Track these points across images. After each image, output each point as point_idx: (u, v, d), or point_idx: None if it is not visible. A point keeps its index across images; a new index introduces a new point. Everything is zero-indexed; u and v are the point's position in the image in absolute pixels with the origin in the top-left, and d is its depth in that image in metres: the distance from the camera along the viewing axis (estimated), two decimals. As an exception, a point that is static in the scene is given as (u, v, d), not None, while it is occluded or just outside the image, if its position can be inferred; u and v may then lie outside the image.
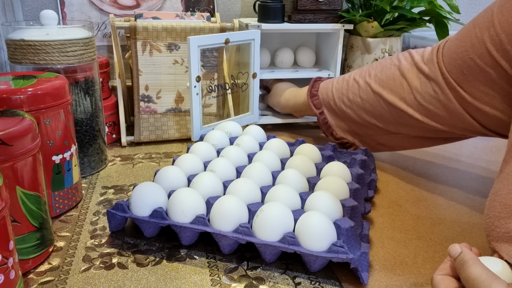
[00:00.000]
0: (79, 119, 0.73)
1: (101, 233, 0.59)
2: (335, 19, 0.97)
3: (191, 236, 0.56)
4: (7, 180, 0.47)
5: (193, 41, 0.78)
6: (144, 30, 0.85)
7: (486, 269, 0.38)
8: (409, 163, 0.85)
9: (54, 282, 0.49)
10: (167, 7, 1.06)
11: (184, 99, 0.92)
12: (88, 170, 0.76)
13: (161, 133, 0.92)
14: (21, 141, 0.48)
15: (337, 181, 0.61)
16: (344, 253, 0.48)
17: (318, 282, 0.50)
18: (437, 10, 0.88)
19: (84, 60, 0.72)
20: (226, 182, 0.62)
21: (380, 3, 0.90)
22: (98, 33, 1.04)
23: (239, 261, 0.54)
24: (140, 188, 0.58)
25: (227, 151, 0.70)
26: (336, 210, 0.55)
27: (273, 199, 0.57)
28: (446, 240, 0.59)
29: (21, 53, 0.68)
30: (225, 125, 0.82)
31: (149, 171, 0.78)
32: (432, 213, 0.66)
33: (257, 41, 0.90)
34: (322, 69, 1.05)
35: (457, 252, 0.41)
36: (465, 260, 0.39)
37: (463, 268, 0.39)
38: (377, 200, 0.69)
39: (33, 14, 1.01)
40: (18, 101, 0.56)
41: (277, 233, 0.52)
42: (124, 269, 0.52)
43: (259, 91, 0.95)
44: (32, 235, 0.51)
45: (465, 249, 0.41)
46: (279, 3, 0.94)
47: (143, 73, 0.88)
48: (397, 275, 0.52)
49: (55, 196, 0.62)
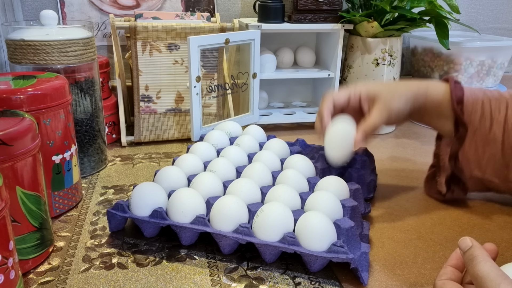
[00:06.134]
0: (79, 119, 0.73)
1: (101, 233, 0.59)
2: (335, 19, 0.96)
3: (191, 236, 0.56)
4: (7, 180, 0.47)
5: (193, 41, 0.78)
6: (144, 30, 0.85)
7: (496, 267, 0.36)
8: (409, 163, 0.85)
9: (54, 282, 0.49)
10: (167, 7, 1.06)
11: (184, 99, 0.92)
12: (88, 170, 0.76)
13: (161, 133, 0.92)
14: (21, 141, 0.48)
15: (337, 181, 0.61)
16: (344, 253, 0.48)
17: (318, 282, 0.50)
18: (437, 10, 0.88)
19: (84, 60, 0.72)
20: (226, 182, 0.62)
21: (380, 3, 0.90)
22: (98, 33, 1.04)
23: (239, 261, 0.54)
24: (140, 188, 0.58)
25: (227, 151, 0.70)
26: (336, 210, 0.55)
27: (273, 199, 0.57)
28: (446, 240, 0.59)
29: (21, 53, 0.68)
30: (225, 125, 0.82)
31: (149, 171, 0.78)
32: (432, 213, 0.66)
33: (257, 41, 0.90)
34: (322, 69, 1.05)
35: (467, 246, 0.39)
36: (474, 255, 0.38)
37: (471, 264, 0.38)
38: (377, 200, 0.69)
39: (33, 14, 1.01)
40: (18, 101, 0.56)
41: (277, 233, 0.52)
42: (124, 269, 0.52)
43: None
44: (32, 235, 0.51)
45: (475, 243, 0.39)
46: (279, 3, 0.94)
47: (143, 73, 0.88)
48: (397, 275, 0.52)
49: (55, 196, 0.62)
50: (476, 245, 0.39)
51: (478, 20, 1.29)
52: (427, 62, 1.13)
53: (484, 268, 0.36)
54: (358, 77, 1.00)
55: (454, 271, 0.42)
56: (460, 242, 0.40)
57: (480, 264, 0.37)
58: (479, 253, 0.38)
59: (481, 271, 0.36)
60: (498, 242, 0.58)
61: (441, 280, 0.41)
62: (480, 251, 0.38)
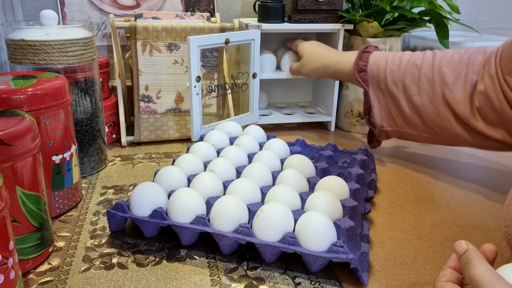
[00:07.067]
0: (79, 119, 0.73)
1: (101, 233, 0.59)
2: (335, 19, 0.97)
3: (191, 236, 0.56)
4: (7, 180, 0.47)
5: (193, 41, 0.78)
6: (144, 30, 0.85)
7: (491, 269, 0.37)
8: (409, 163, 0.85)
9: (54, 282, 0.49)
10: (167, 7, 1.06)
11: (184, 99, 0.92)
12: (88, 170, 0.76)
13: (161, 133, 0.92)
14: (21, 141, 0.48)
15: (337, 181, 0.61)
16: (344, 253, 0.48)
17: (318, 282, 0.50)
18: (437, 10, 0.88)
19: (84, 60, 0.72)
20: (226, 182, 0.62)
21: (380, 3, 0.90)
22: (98, 33, 1.04)
23: (239, 261, 0.54)
24: (140, 188, 0.58)
25: (227, 151, 0.70)
26: (336, 210, 0.55)
27: (273, 199, 0.57)
28: (446, 240, 0.59)
29: (21, 53, 0.68)
30: (225, 125, 0.82)
31: (149, 171, 0.78)
32: (432, 213, 0.66)
33: (257, 41, 0.90)
34: (322, 69, 1.05)
35: (463, 249, 0.39)
36: (470, 259, 0.38)
37: (467, 267, 0.38)
38: (377, 200, 0.69)
39: (33, 14, 1.01)
40: (18, 101, 0.56)
41: (277, 233, 0.52)
42: (124, 269, 0.52)
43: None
44: (32, 235, 0.51)
45: (470, 247, 0.39)
46: (279, 3, 0.94)
47: (143, 73, 0.88)
48: (397, 275, 0.52)
49: (55, 196, 0.62)
50: (471, 248, 0.39)
51: (478, 20, 1.29)
52: (427, 62, 1.12)
53: (479, 271, 0.36)
54: (358, 77, 1.00)
55: (453, 273, 0.42)
56: (456, 245, 0.40)
57: (475, 267, 0.37)
58: (474, 256, 0.38)
59: (476, 274, 0.36)
60: (498, 242, 0.58)
61: (440, 282, 0.41)
62: (475, 254, 0.38)
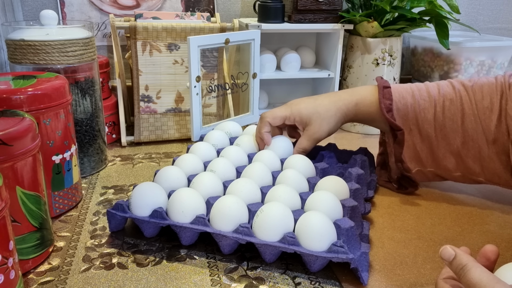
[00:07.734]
0: (79, 119, 0.73)
1: (101, 233, 0.59)
2: (335, 19, 0.97)
3: (191, 236, 0.56)
4: (7, 180, 0.47)
5: (193, 41, 0.78)
6: (144, 30, 0.85)
7: (486, 271, 0.36)
8: (409, 163, 0.84)
9: (54, 282, 0.49)
10: (167, 7, 1.06)
11: (184, 99, 0.92)
12: (88, 170, 0.76)
13: (161, 133, 0.92)
14: (21, 141, 0.48)
15: (337, 181, 0.61)
16: (344, 253, 0.48)
17: (318, 282, 0.50)
18: (437, 10, 0.88)
19: (84, 60, 0.72)
20: (226, 182, 0.62)
21: (380, 3, 0.90)
22: (98, 33, 1.04)
23: (239, 261, 0.54)
24: (140, 188, 0.58)
25: (227, 151, 0.70)
26: (336, 210, 0.55)
27: (273, 199, 0.57)
28: (446, 240, 0.59)
29: (21, 53, 0.68)
30: (225, 125, 0.82)
31: (149, 171, 0.78)
32: (432, 213, 0.66)
33: (257, 41, 0.90)
34: (322, 69, 1.05)
35: (451, 255, 0.39)
36: (463, 264, 0.37)
37: (462, 273, 0.37)
38: (377, 200, 0.69)
39: (33, 14, 1.01)
40: (18, 101, 0.56)
41: (277, 233, 0.52)
42: (124, 269, 0.52)
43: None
44: (32, 235, 0.51)
45: (458, 251, 0.39)
46: (279, 3, 0.94)
47: (143, 73, 0.88)
48: (397, 275, 0.51)
49: (55, 196, 0.62)
50: (459, 252, 0.38)
51: (478, 20, 1.29)
52: (427, 62, 1.13)
53: (475, 275, 0.36)
54: (358, 77, 1.00)
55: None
56: (442, 252, 0.39)
57: (470, 272, 0.36)
58: (467, 260, 0.37)
59: (473, 278, 0.36)
60: (498, 242, 0.58)
61: (442, 279, 0.41)
62: (467, 257, 0.38)
